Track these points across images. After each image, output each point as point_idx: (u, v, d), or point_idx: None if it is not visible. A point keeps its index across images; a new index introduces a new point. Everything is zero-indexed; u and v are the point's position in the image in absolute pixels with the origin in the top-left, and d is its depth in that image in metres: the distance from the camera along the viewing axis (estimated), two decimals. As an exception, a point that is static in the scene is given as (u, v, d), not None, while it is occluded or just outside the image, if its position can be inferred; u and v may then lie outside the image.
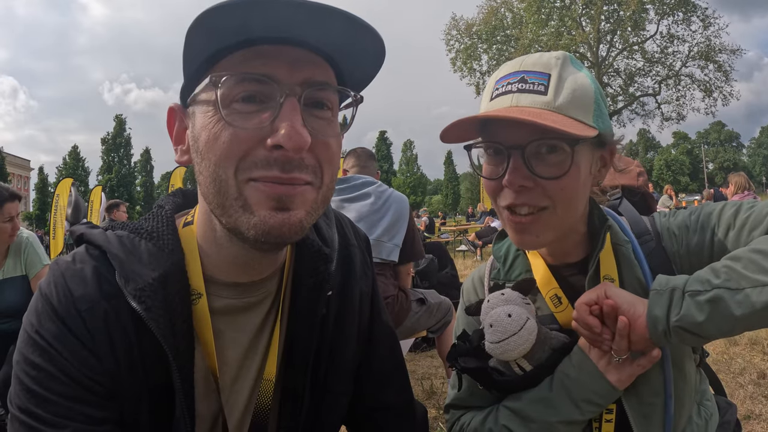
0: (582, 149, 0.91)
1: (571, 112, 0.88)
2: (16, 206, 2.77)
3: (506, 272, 1.12)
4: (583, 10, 29.53)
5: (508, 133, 0.91)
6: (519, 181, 0.89)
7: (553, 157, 0.89)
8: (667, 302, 0.82)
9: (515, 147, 0.89)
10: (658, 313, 0.82)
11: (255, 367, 0.87)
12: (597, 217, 1.02)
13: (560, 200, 0.91)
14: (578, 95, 0.89)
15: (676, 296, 0.81)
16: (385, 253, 2.84)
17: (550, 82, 0.90)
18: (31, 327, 0.73)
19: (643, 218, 1.06)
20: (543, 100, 0.88)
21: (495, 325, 0.95)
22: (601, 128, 0.91)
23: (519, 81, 0.91)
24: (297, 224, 0.72)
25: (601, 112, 0.93)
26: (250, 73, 0.70)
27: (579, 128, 0.86)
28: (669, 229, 1.00)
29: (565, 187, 0.90)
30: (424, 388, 3.76)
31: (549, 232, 0.94)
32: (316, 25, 0.68)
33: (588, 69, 0.97)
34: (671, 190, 12.69)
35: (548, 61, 0.92)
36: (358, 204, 2.83)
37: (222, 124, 0.70)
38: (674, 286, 0.82)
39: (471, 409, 1.14)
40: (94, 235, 0.81)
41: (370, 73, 0.81)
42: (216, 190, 0.72)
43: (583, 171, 0.92)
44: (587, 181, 0.95)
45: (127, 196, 58.01)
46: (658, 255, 0.99)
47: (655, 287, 0.84)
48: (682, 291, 0.81)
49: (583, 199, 0.96)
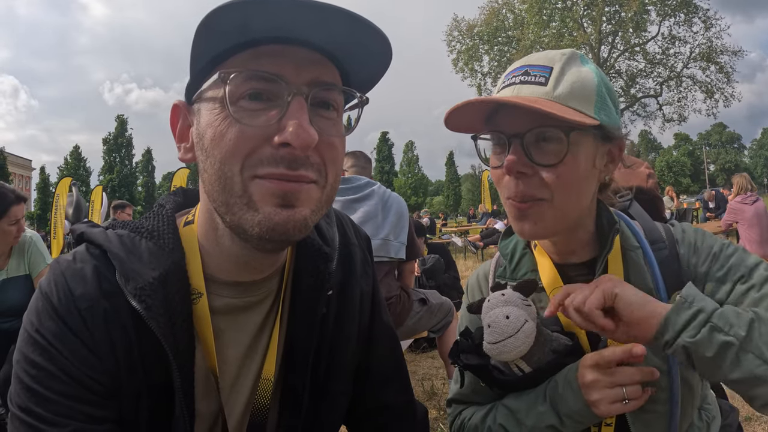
0: (582, 139, 0.91)
1: (570, 102, 0.89)
2: (22, 209, 2.78)
3: (512, 270, 1.11)
4: (584, 12, 29.53)
5: (509, 123, 0.92)
6: (517, 167, 0.90)
7: (550, 146, 0.90)
8: (688, 318, 0.80)
9: (515, 135, 0.91)
10: (676, 320, 0.80)
11: (255, 366, 0.87)
12: (606, 219, 1.01)
13: (557, 189, 0.91)
14: (578, 86, 0.90)
15: (700, 318, 0.79)
16: (393, 252, 2.88)
17: (551, 74, 0.91)
18: (31, 326, 0.73)
19: (657, 225, 1.05)
20: (542, 90, 0.90)
21: (493, 325, 0.95)
22: (604, 121, 0.91)
23: (522, 74, 0.94)
24: (301, 221, 0.72)
25: (605, 105, 0.93)
26: (259, 71, 0.70)
27: (575, 115, 0.87)
28: (693, 244, 0.99)
29: (561, 175, 0.90)
30: (425, 388, 3.76)
31: (547, 222, 0.94)
32: (321, 25, 0.68)
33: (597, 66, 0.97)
34: (672, 192, 12.68)
35: (553, 56, 0.94)
36: (365, 204, 2.86)
37: (229, 121, 0.70)
38: (702, 308, 0.80)
39: (473, 404, 1.14)
40: (95, 234, 0.81)
41: (375, 74, 0.81)
42: (221, 187, 0.72)
43: (582, 161, 0.92)
44: (590, 173, 0.95)
45: (129, 197, 57.98)
46: (671, 263, 0.98)
47: (684, 296, 0.82)
48: (708, 318, 0.79)
49: (585, 191, 0.96)
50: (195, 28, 0.68)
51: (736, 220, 6.67)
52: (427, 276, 5.32)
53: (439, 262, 5.47)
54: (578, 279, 1.03)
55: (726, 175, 77.54)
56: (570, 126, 0.87)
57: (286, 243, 0.81)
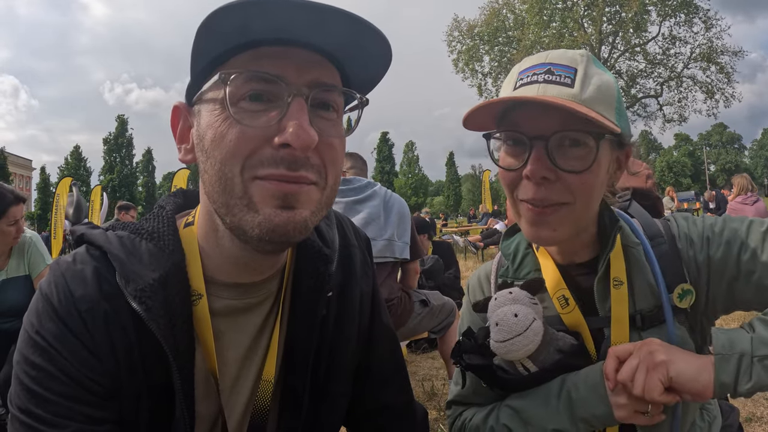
0: (604, 147, 0.90)
1: (596, 106, 0.87)
2: (21, 209, 2.78)
3: (515, 270, 1.10)
4: (585, 12, 29.54)
5: (531, 123, 0.89)
6: (541, 173, 0.87)
7: (577, 151, 0.88)
8: (735, 369, 0.80)
9: (538, 138, 0.88)
10: (726, 380, 0.80)
11: (255, 367, 0.87)
12: (607, 218, 1.00)
13: (581, 196, 0.89)
14: (603, 91, 0.89)
15: (745, 363, 0.80)
16: (398, 252, 2.87)
17: (576, 75, 0.89)
18: (32, 327, 0.73)
19: (655, 221, 1.05)
20: (570, 92, 0.87)
21: (501, 324, 0.94)
22: (623, 128, 0.90)
23: (545, 72, 0.90)
24: (301, 223, 0.72)
25: (622, 112, 0.92)
26: (259, 72, 0.70)
27: (606, 121, 0.85)
28: (687, 235, 0.98)
29: (586, 182, 0.89)
30: (425, 389, 3.76)
31: (566, 228, 0.92)
32: (320, 26, 0.68)
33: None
34: (673, 192, 12.69)
35: (574, 57, 0.92)
36: (368, 205, 2.85)
37: (229, 122, 0.70)
38: (742, 352, 0.80)
39: (473, 405, 1.14)
40: (95, 235, 0.81)
41: (376, 75, 0.81)
42: (221, 188, 0.72)
43: (602, 168, 0.91)
44: (605, 180, 0.94)
45: (129, 197, 57.96)
46: (671, 258, 0.98)
47: (719, 351, 0.82)
48: (751, 357, 0.79)
49: (599, 197, 0.96)
50: (195, 29, 0.68)
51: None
52: (426, 276, 5.31)
53: (438, 263, 5.46)
54: (581, 279, 1.02)
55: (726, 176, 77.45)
56: (601, 131, 0.85)
57: (287, 244, 0.81)
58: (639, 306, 0.97)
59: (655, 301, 0.96)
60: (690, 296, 0.95)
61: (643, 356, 0.86)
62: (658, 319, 0.95)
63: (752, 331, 0.83)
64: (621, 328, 0.96)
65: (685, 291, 0.95)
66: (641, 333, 0.95)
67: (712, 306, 0.97)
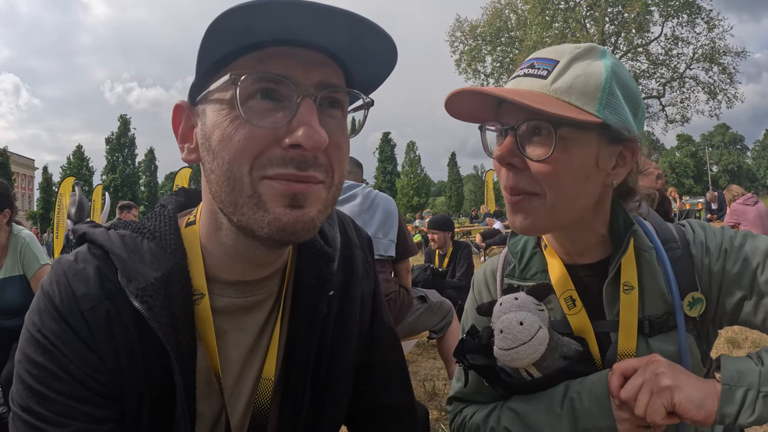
0: (578, 136, 0.88)
1: (568, 96, 0.86)
2: (7, 215, 2.84)
3: (521, 270, 1.09)
4: (587, 12, 29.52)
5: (508, 115, 0.92)
6: (506, 159, 0.91)
7: (539, 139, 0.89)
8: (740, 402, 0.80)
9: (511, 128, 0.91)
10: (729, 411, 0.81)
11: (256, 366, 0.87)
12: (622, 220, 0.98)
13: (548, 186, 0.89)
14: (580, 81, 0.87)
15: (750, 397, 0.80)
16: (382, 249, 2.91)
17: (555, 67, 0.89)
18: (34, 326, 0.74)
19: (669, 225, 1.04)
20: (539, 83, 0.89)
21: (506, 331, 0.92)
22: (610, 119, 0.87)
23: (528, 66, 0.93)
24: (310, 222, 0.73)
25: (614, 103, 0.89)
26: (269, 73, 0.70)
27: (566, 110, 0.84)
28: (703, 243, 0.98)
29: (551, 171, 0.88)
30: (426, 389, 3.76)
31: (538, 218, 0.92)
32: (324, 27, 0.68)
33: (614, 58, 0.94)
34: (675, 192, 12.66)
35: (564, 49, 0.92)
36: (348, 205, 2.90)
37: (237, 122, 0.70)
38: (749, 386, 0.81)
39: (474, 402, 1.13)
40: (97, 234, 0.81)
41: (380, 75, 0.81)
42: (230, 188, 0.72)
43: (577, 159, 0.89)
44: (591, 173, 0.91)
45: (131, 196, 57.98)
46: (684, 263, 0.97)
47: (727, 382, 0.82)
48: (757, 392, 0.80)
49: (582, 191, 0.92)
50: (196, 28, 0.69)
51: (738, 222, 6.70)
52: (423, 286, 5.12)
53: (424, 273, 5.24)
54: (588, 280, 1.01)
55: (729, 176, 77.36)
56: (559, 121, 0.85)
57: (294, 242, 0.81)
58: (648, 312, 0.96)
59: (665, 308, 0.95)
60: (700, 305, 0.95)
61: (648, 377, 0.85)
62: (667, 326, 0.95)
63: (761, 365, 0.83)
64: (629, 334, 0.95)
65: (696, 299, 0.94)
66: (648, 339, 0.95)
67: (720, 317, 0.97)
